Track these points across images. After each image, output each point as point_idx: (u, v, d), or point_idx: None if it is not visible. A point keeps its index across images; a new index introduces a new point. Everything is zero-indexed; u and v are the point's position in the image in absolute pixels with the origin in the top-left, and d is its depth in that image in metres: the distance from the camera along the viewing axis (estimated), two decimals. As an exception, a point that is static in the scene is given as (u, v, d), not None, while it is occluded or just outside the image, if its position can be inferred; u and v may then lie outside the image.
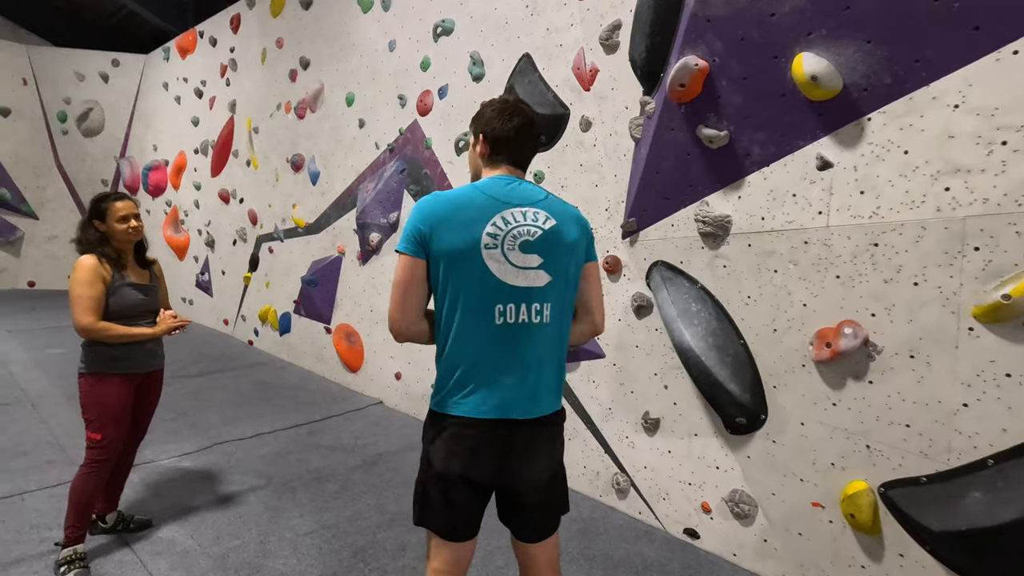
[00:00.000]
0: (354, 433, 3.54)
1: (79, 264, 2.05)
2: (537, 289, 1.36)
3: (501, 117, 1.43)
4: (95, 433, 2.09)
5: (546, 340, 1.39)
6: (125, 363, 2.13)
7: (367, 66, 4.27)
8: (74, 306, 2.02)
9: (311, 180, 4.91)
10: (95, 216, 2.13)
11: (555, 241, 1.37)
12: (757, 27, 1.89)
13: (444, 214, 1.35)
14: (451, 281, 1.35)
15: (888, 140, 1.72)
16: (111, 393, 2.10)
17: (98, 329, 2.03)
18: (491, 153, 1.46)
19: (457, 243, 1.34)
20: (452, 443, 1.37)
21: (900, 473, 1.81)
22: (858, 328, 1.83)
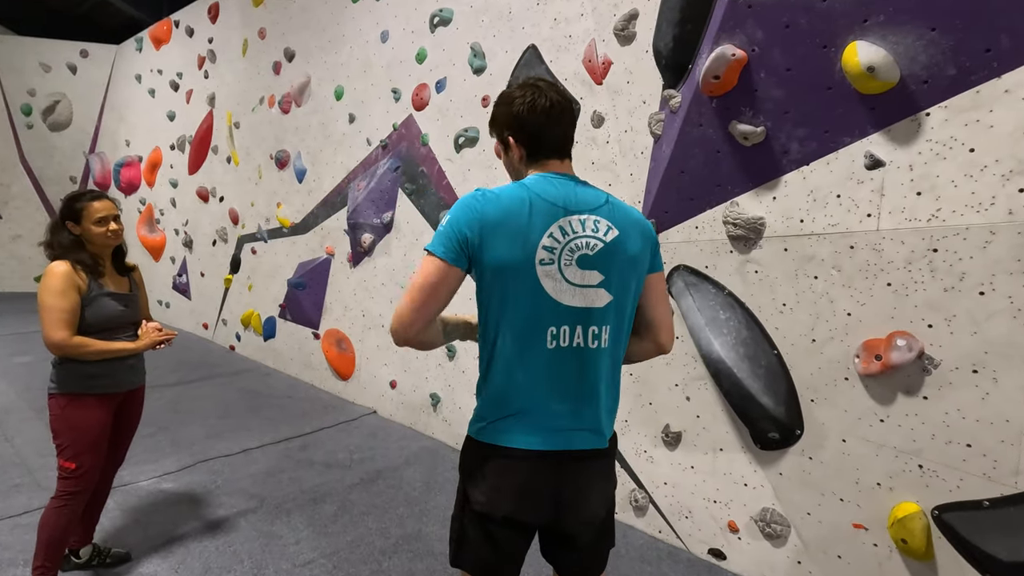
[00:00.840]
0: (349, 447, 3.33)
1: (50, 271, 1.82)
2: (596, 310, 1.20)
3: (526, 105, 1.23)
4: (68, 461, 1.87)
5: (602, 365, 1.23)
6: (103, 381, 1.91)
7: (358, 58, 4.05)
8: (44, 319, 1.79)
9: (297, 178, 4.67)
10: (69, 217, 1.90)
11: (617, 255, 1.21)
12: (805, 14, 1.74)
13: (496, 219, 1.16)
14: (499, 298, 1.19)
15: (951, 137, 1.59)
16: (87, 416, 1.88)
17: (73, 345, 1.81)
18: (529, 152, 1.27)
19: (509, 256, 1.16)
20: (498, 478, 1.20)
21: (958, 496, 1.68)
22: (912, 340, 1.70)
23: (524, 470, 1.20)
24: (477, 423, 1.26)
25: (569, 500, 1.25)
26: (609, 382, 1.26)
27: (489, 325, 1.22)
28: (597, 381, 1.23)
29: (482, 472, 1.23)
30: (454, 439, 3.41)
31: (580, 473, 1.25)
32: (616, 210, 1.24)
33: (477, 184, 3.26)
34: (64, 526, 1.88)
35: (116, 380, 1.96)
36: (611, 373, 1.26)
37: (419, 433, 3.58)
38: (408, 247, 3.71)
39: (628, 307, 1.25)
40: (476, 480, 1.23)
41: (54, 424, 1.89)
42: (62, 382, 1.88)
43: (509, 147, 1.30)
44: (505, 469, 1.20)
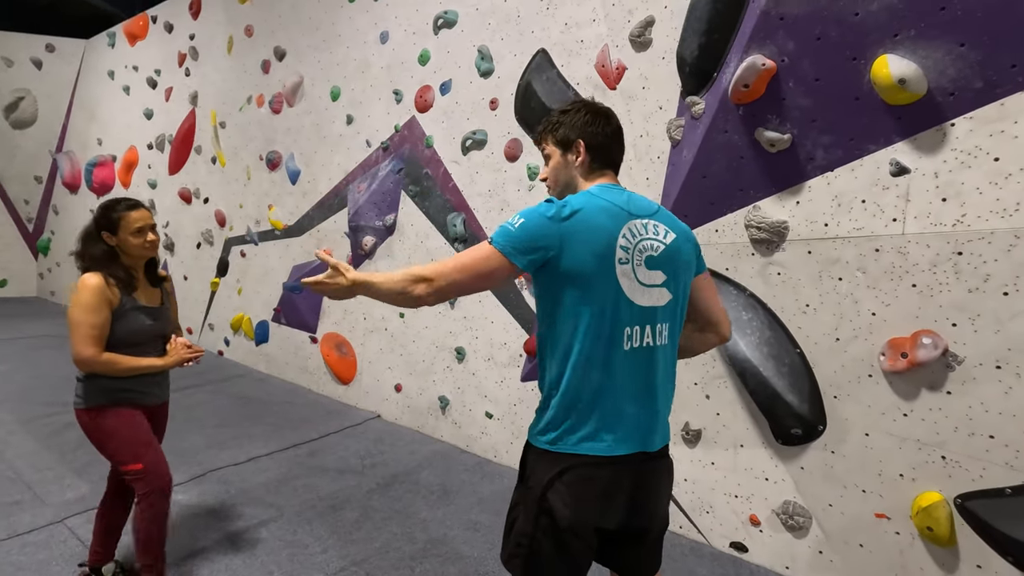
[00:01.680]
0: (359, 452, 3.30)
1: (83, 285, 1.78)
2: (660, 308, 1.28)
3: (598, 121, 1.34)
4: (132, 464, 1.86)
5: (664, 362, 1.30)
6: (130, 395, 1.90)
7: (355, 58, 4.01)
8: (75, 334, 1.76)
9: (290, 179, 4.58)
10: (105, 227, 1.85)
11: (676, 257, 1.30)
12: (837, 26, 1.82)
13: (577, 224, 1.21)
14: (579, 302, 1.21)
15: (975, 146, 1.68)
16: (124, 417, 1.87)
17: (102, 362, 1.79)
18: (592, 160, 1.34)
19: (593, 258, 1.20)
20: (580, 488, 1.22)
21: (980, 484, 1.78)
22: (937, 338, 1.79)
23: (606, 478, 1.23)
24: (549, 432, 1.26)
25: (644, 500, 1.30)
26: (669, 378, 1.33)
27: (564, 332, 1.23)
28: (661, 378, 1.29)
29: (564, 483, 1.23)
30: (464, 441, 3.42)
31: (653, 473, 1.32)
32: (667, 216, 1.35)
33: (486, 187, 3.27)
34: (160, 523, 1.93)
35: (142, 394, 1.94)
36: (670, 369, 1.33)
37: (428, 436, 3.57)
38: (412, 249, 3.69)
39: (682, 306, 1.34)
40: (557, 492, 1.23)
41: (94, 437, 1.87)
42: (88, 396, 1.85)
43: (574, 152, 1.35)
44: (588, 479, 1.22)
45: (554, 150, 1.38)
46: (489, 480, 3.00)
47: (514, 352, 3.18)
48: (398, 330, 3.80)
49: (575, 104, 1.37)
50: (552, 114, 1.39)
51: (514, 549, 1.29)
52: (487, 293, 3.30)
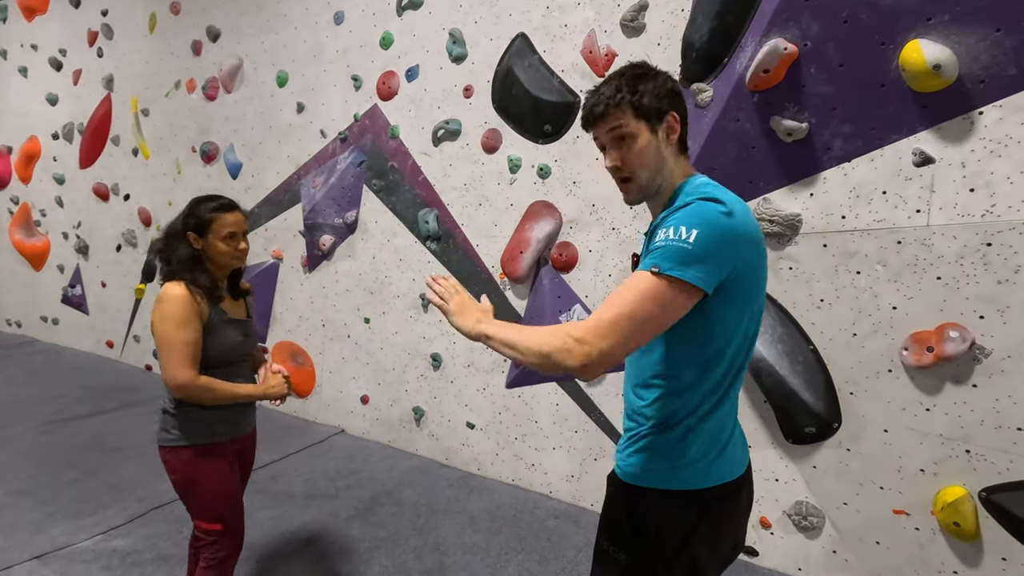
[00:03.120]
0: (327, 473, 2.99)
1: (168, 296, 1.55)
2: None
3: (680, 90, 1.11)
4: (212, 523, 1.65)
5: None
6: (227, 427, 1.68)
7: (305, 40, 3.65)
8: (166, 355, 1.53)
9: (230, 173, 4.15)
10: (194, 228, 1.62)
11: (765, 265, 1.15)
12: (867, 9, 1.74)
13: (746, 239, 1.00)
14: (742, 327, 1.04)
15: (1006, 135, 1.66)
16: (219, 468, 1.66)
17: (199, 387, 1.55)
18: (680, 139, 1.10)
19: (763, 272, 1.06)
20: (724, 520, 1.10)
21: (1006, 477, 1.77)
22: (964, 331, 1.76)
23: (741, 498, 1.13)
24: (688, 468, 1.05)
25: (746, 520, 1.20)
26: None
27: (721, 356, 1.04)
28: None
29: (708, 523, 1.05)
30: (444, 454, 3.18)
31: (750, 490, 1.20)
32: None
33: (462, 180, 3.05)
34: None
35: (238, 424, 1.72)
36: None
37: (402, 451, 3.29)
38: (378, 248, 3.40)
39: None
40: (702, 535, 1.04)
41: (180, 481, 1.64)
42: (185, 432, 1.61)
43: (668, 127, 1.08)
44: (728, 509, 1.10)
45: (639, 126, 1.06)
46: (477, 495, 2.79)
47: (497, 357, 2.97)
48: (363, 337, 3.50)
49: (642, 66, 1.10)
50: (617, 82, 1.07)
51: None
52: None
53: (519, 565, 2.26)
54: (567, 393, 2.76)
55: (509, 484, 2.92)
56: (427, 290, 1.26)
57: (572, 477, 2.77)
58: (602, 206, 2.63)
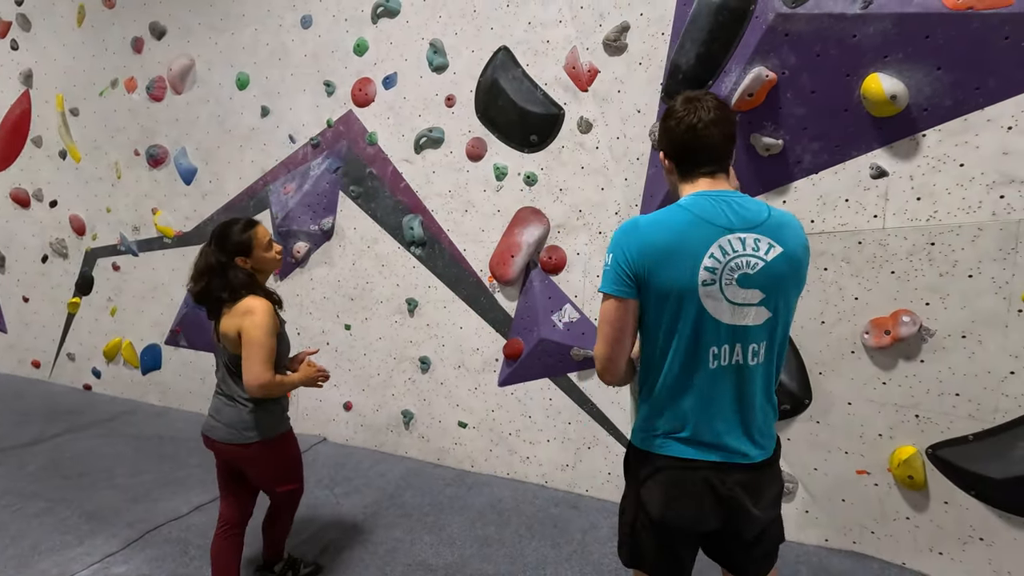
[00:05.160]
0: (321, 482, 2.98)
1: (258, 308, 1.79)
2: (754, 328, 1.24)
3: (676, 119, 1.28)
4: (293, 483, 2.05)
5: (759, 380, 1.28)
6: (287, 414, 2.02)
7: (267, 43, 3.58)
8: (256, 357, 1.76)
9: (183, 178, 3.96)
10: (237, 252, 1.83)
11: (779, 273, 1.22)
12: (837, 45, 2.04)
13: (662, 247, 1.23)
14: (664, 322, 1.26)
15: (944, 154, 2.01)
16: (295, 443, 2.04)
17: (277, 384, 1.83)
18: (680, 168, 1.32)
19: (675, 282, 1.22)
20: (671, 488, 1.30)
21: (947, 435, 2.14)
22: (914, 316, 2.12)
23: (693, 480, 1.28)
24: (642, 434, 1.35)
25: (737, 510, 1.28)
26: (765, 396, 1.31)
27: (656, 348, 1.29)
28: (754, 396, 1.28)
29: (656, 481, 1.32)
30: (436, 455, 3.26)
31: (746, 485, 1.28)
32: (777, 223, 1.25)
33: (446, 187, 3.14)
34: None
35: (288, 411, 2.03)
36: (767, 387, 1.31)
37: (391, 455, 3.33)
38: (358, 254, 3.41)
39: (784, 323, 1.28)
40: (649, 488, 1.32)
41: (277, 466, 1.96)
42: (272, 425, 1.90)
43: (664, 161, 1.37)
44: (677, 480, 1.29)
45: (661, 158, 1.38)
46: (478, 491, 2.90)
47: (489, 357, 3.09)
48: (344, 344, 3.49)
49: (670, 104, 1.32)
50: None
51: (621, 536, 1.43)
52: (452, 298, 3.18)
53: (535, 551, 2.40)
54: (559, 388, 2.94)
55: (505, 478, 3.05)
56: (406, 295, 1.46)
57: (567, 466, 2.95)
58: (588, 211, 2.83)
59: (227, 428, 1.86)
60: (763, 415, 1.31)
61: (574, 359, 2.85)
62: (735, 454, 1.27)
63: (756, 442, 1.30)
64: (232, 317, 1.80)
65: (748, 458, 1.28)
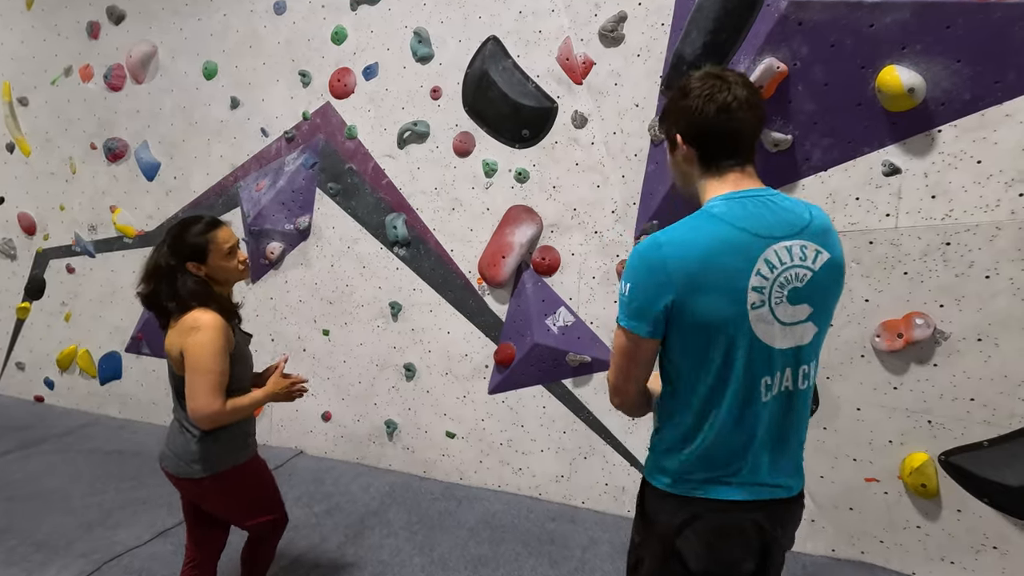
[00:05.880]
0: (299, 500, 2.77)
1: (205, 324, 1.50)
2: (804, 347, 1.10)
3: (703, 98, 1.08)
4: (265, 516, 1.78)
5: (806, 403, 1.15)
6: (252, 440, 1.74)
7: (237, 30, 3.35)
8: (202, 385, 1.49)
9: (144, 174, 3.70)
10: (190, 256, 1.56)
11: (826, 283, 1.08)
12: (852, 35, 1.95)
13: (695, 271, 1.03)
14: (707, 360, 1.07)
15: (961, 151, 1.94)
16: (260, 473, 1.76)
17: (228, 412, 1.55)
18: (702, 156, 1.12)
19: (717, 312, 1.03)
20: (716, 536, 1.12)
21: (960, 441, 2.08)
22: (928, 318, 2.04)
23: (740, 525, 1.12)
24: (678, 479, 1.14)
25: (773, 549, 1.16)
26: (805, 420, 1.18)
27: (692, 389, 1.11)
28: (801, 422, 1.16)
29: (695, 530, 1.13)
30: (422, 467, 3.08)
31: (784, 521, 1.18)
32: (825, 229, 1.11)
33: (432, 184, 2.97)
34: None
35: (254, 435, 1.76)
36: (807, 410, 1.18)
37: (374, 468, 3.14)
38: (337, 255, 3.21)
39: (823, 339, 1.14)
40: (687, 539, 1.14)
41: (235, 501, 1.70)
42: (221, 458, 1.62)
43: (676, 145, 1.15)
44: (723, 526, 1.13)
45: (668, 144, 1.19)
46: (468, 505, 2.74)
47: (478, 364, 2.94)
48: (322, 351, 3.29)
49: (681, 83, 1.13)
50: (669, 96, 1.18)
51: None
52: (439, 301, 3.01)
53: (532, 570, 2.26)
54: (553, 395, 2.80)
55: (496, 490, 2.90)
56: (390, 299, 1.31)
57: (562, 477, 2.81)
58: (583, 210, 2.70)
59: (175, 459, 1.62)
60: (801, 441, 1.18)
61: (570, 365, 2.71)
62: (780, 488, 1.14)
63: (797, 472, 1.18)
64: (176, 333, 1.55)
65: (791, 491, 1.16)
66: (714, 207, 1.08)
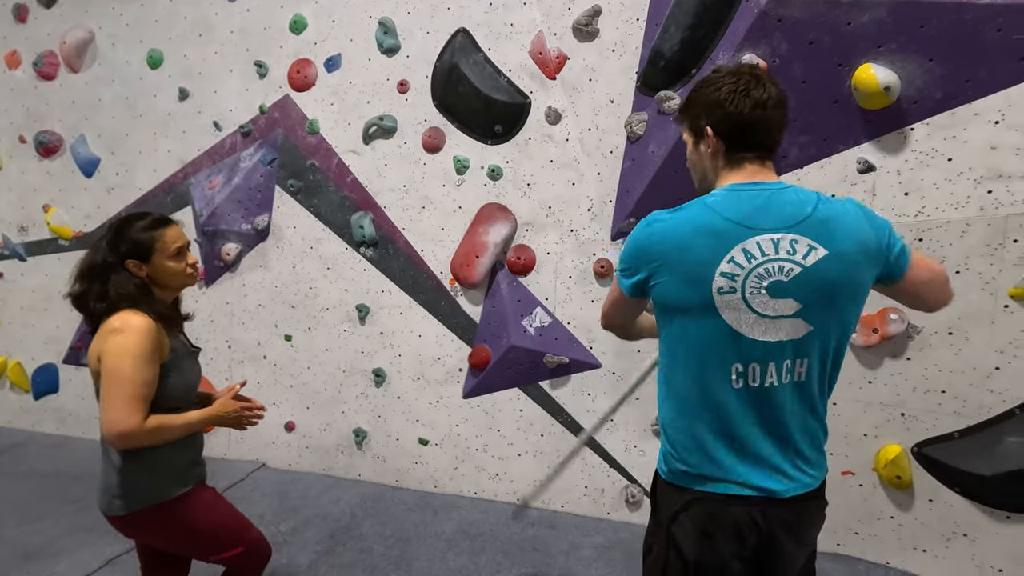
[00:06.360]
0: (263, 516, 2.61)
1: (129, 325, 1.32)
2: (792, 343, 1.07)
3: (738, 93, 1.10)
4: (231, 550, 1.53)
5: (803, 402, 1.12)
6: (196, 470, 1.51)
7: (185, 16, 3.14)
8: (115, 396, 1.29)
9: (82, 170, 3.42)
10: (131, 253, 1.40)
11: (824, 280, 1.05)
12: (830, 33, 1.95)
13: (666, 252, 1.11)
14: (673, 334, 1.16)
15: (933, 148, 1.97)
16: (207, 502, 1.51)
17: (147, 432, 1.32)
18: (729, 148, 1.14)
19: (682, 293, 1.11)
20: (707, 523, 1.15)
21: (932, 433, 2.13)
22: (902, 313, 2.08)
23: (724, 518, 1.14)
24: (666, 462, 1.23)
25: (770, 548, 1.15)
26: (808, 420, 1.15)
27: (667, 361, 1.20)
28: (796, 419, 1.13)
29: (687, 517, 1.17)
30: (394, 476, 2.96)
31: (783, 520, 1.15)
32: (823, 222, 1.07)
33: (400, 181, 2.85)
34: None
35: (200, 462, 1.54)
36: (812, 410, 1.15)
37: (342, 479, 2.99)
38: (299, 256, 3.05)
39: (833, 338, 1.11)
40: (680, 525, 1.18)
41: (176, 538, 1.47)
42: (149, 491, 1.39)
43: (704, 138, 1.17)
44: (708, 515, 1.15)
45: (687, 136, 1.24)
46: (445, 515, 2.64)
47: (452, 367, 2.84)
48: (284, 357, 3.11)
49: (706, 76, 1.17)
50: (693, 86, 1.20)
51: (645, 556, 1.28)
52: (409, 303, 2.89)
53: (516, 581, 2.19)
54: (530, 397, 2.73)
55: (472, 497, 2.81)
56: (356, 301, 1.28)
57: (539, 482, 2.74)
58: (559, 208, 2.64)
59: (99, 492, 1.43)
60: (807, 442, 1.15)
61: (547, 366, 2.65)
62: (767, 489, 1.11)
63: (792, 474, 1.13)
64: (97, 337, 1.36)
65: (784, 492, 1.12)
66: (711, 196, 1.13)
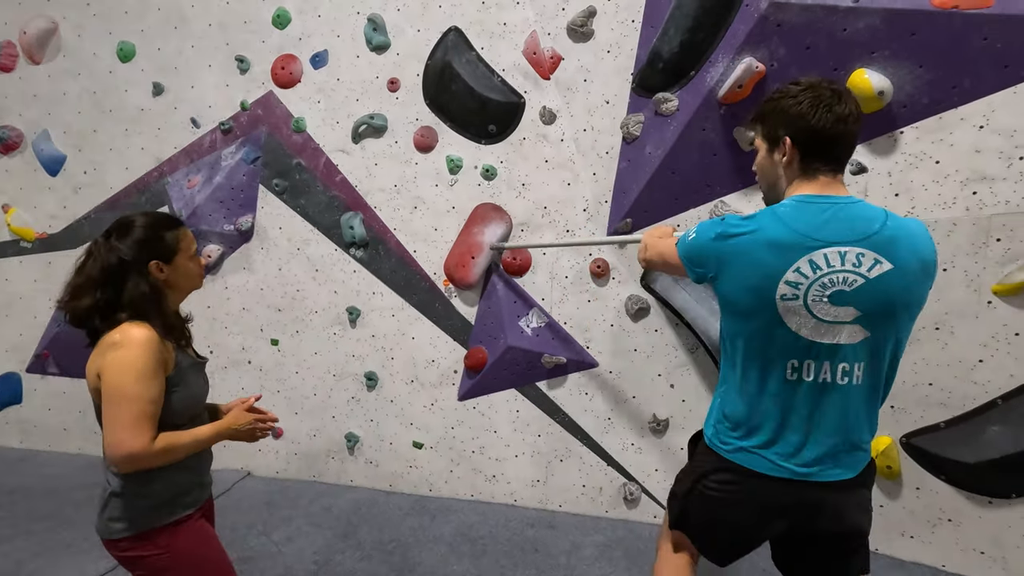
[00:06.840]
0: (254, 527, 2.52)
1: (131, 339, 1.22)
2: (850, 347, 1.19)
3: (822, 107, 1.17)
4: None
5: (851, 401, 1.23)
6: (196, 494, 1.37)
7: (159, 7, 3.01)
8: (121, 416, 1.19)
9: (46, 168, 3.24)
10: (160, 254, 1.30)
11: (885, 292, 1.15)
12: (826, 39, 2.01)
13: (734, 262, 1.22)
14: (734, 327, 1.27)
15: (921, 151, 2.06)
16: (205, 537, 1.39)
17: (157, 453, 1.22)
18: (804, 158, 1.22)
19: (745, 298, 1.21)
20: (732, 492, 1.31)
21: (920, 424, 2.22)
22: (892, 310, 2.16)
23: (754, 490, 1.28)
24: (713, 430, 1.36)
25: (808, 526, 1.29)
26: (860, 418, 1.25)
27: (728, 348, 1.32)
28: (846, 416, 1.23)
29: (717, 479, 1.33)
30: (387, 481, 2.90)
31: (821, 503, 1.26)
32: (891, 240, 1.15)
33: (391, 181, 2.80)
34: None
35: (204, 483, 1.42)
36: (864, 409, 1.25)
37: (334, 486, 2.92)
38: (286, 258, 2.96)
39: (888, 345, 1.22)
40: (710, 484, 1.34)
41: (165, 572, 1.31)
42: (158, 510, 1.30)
43: (780, 148, 1.24)
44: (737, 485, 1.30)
45: (761, 143, 1.30)
46: (443, 518, 2.61)
47: (446, 369, 2.81)
48: (270, 361, 3.02)
49: (783, 88, 1.23)
50: (770, 96, 1.25)
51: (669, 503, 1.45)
52: (402, 305, 2.85)
53: (522, 583, 2.18)
54: (527, 398, 2.73)
55: (469, 500, 2.78)
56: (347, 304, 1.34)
57: (537, 482, 2.74)
58: (554, 208, 2.64)
59: (98, 516, 1.34)
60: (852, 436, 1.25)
61: (545, 366, 2.65)
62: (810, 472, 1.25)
63: (837, 462, 1.25)
64: (96, 353, 1.27)
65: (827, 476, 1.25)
66: (781, 207, 1.21)
